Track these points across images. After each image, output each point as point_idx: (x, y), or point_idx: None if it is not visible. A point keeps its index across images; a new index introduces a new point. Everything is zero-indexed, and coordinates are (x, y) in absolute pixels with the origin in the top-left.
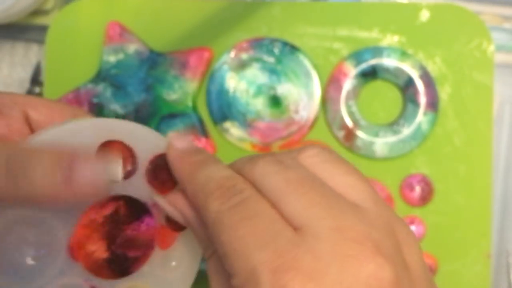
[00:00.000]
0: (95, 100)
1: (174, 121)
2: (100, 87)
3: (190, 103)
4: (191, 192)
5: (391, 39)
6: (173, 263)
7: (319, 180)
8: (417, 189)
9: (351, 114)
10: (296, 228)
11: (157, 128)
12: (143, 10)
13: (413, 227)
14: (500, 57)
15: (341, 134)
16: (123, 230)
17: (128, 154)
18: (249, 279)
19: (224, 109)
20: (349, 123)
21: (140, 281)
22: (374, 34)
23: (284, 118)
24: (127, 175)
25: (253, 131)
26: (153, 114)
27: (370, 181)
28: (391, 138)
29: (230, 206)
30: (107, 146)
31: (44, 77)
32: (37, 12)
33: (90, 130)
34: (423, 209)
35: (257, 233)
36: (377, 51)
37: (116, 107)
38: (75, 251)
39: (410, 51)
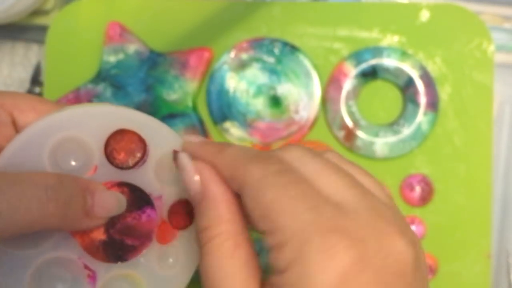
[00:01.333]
0: (95, 100)
1: (174, 121)
2: (100, 87)
3: (190, 103)
4: (224, 162)
5: (391, 39)
6: (170, 260)
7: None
8: (417, 189)
9: (351, 114)
10: (335, 204)
11: None
12: (143, 10)
13: (413, 227)
14: (500, 57)
15: (341, 134)
16: (124, 217)
17: (140, 144)
18: (295, 236)
19: (224, 109)
20: (349, 123)
21: (134, 271)
22: (374, 34)
23: (284, 118)
24: (136, 164)
25: (253, 131)
26: (153, 114)
27: None
28: (391, 138)
29: (275, 171)
30: (120, 134)
31: (44, 77)
32: (37, 12)
33: (102, 116)
34: (423, 209)
35: (307, 196)
36: (377, 51)
37: None
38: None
39: (410, 51)
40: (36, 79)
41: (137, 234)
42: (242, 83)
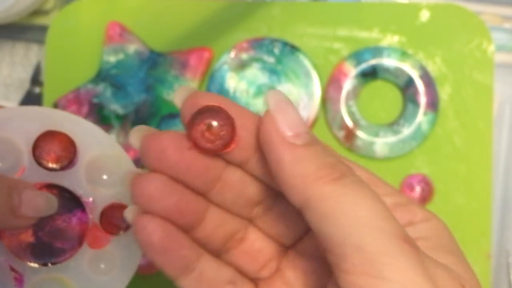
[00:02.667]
0: (95, 100)
1: (174, 121)
2: (100, 87)
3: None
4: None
5: (391, 39)
6: (102, 266)
7: None
8: (417, 189)
9: (351, 114)
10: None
11: (157, 128)
12: (143, 10)
13: None
14: (500, 57)
15: (341, 134)
16: (53, 219)
17: (69, 145)
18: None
19: None
20: (349, 123)
21: (63, 274)
22: (374, 34)
23: None
24: (66, 166)
25: None
26: (153, 114)
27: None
28: (391, 138)
29: (348, 182)
30: (49, 135)
31: (44, 77)
32: (37, 12)
33: (32, 118)
34: None
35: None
36: (377, 51)
37: (116, 107)
38: (1, 229)
39: (410, 51)
40: (36, 79)
41: (66, 237)
42: (242, 83)
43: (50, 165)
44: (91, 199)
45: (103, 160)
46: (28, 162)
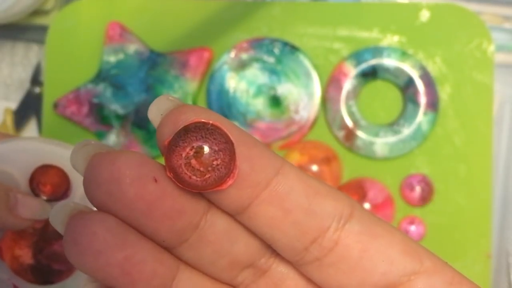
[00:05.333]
0: (95, 100)
1: None
2: (100, 87)
3: (190, 103)
4: None
5: (391, 39)
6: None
7: None
8: (417, 189)
9: (351, 114)
10: None
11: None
12: (143, 10)
13: (413, 227)
14: (500, 57)
15: (341, 134)
16: (50, 244)
17: (62, 177)
18: None
19: (224, 109)
20: (349, 123)
21: None
22: (374, 34)
23: (284, 118)
24: (61, 197)
25: (253, 131)
26: None
27: (370, 181)
28: (391, 138)
29: None
30: (45, 168)
31: (44, 77)
32: (37, 12)
33: (27, 153)
34: (423, 209)
35: None
36: (377, 51)
37: (116, 107)
38: (2, 251)
39: (410, 51)
40: (36, 79)
41: (63, 259)
42: (242, 83)
43: (47, 196)
44: None
45: None
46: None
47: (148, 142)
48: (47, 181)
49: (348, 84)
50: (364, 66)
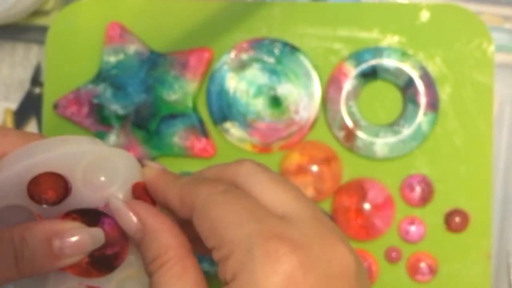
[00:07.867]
0: (95, 101)
1: (174, 122)
2: (100, 88)
3: (190, 104)
4: (176, 189)
5: (391, 40)
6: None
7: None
8: (417, 189)
9: (351, 114)
10: (280, 216)
11: (157, 129)
12: (143, 10)
13: (413, 227)
14: (500, 57)
15: (341, 134)
16: None
17: (57, 178)
18: (240, 246)
19: (224, 109)
20: (349, 123)
21: (131, 269)
22: (374, 34)
23: (284, 119)
24: (65, 195)
25: (253, 131)
26: (153, 115)
27: (370, 181)
28: (391, 139)
29: (222, 190)
30: (36, 181)
31: (44, 77)
32: (37, 12)
33: (13, 178)
34: (423, 209)
35: (251, 210)
36: (377, 51)
37: (116, 107)
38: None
39: (410, 51)
40: (36, 80)
41: (111, 243)
42: (242, 84)
43: (53, 200)
44: (106, 203)
45: (92, 167)
46: (35, 208)
47: (148, 142)
48: (46, 188)
49: (348, 85)
50: (364, 66)
